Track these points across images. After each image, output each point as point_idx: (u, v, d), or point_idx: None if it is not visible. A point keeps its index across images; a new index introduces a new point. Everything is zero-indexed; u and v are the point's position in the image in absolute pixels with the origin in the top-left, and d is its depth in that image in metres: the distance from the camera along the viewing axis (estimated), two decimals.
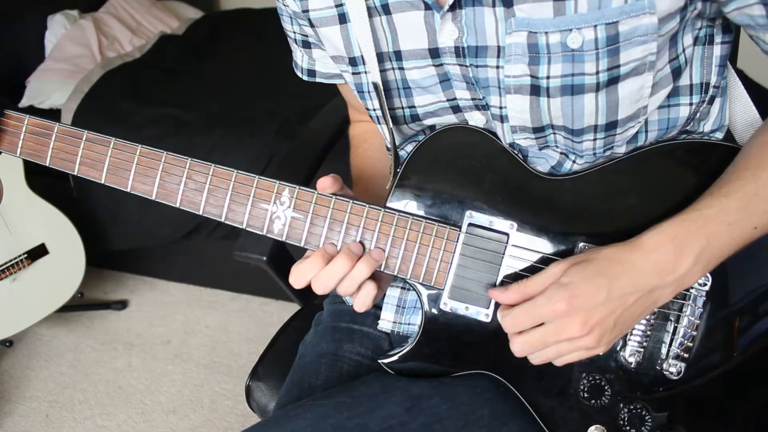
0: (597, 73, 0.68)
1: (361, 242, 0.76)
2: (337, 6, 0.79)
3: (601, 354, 0.71)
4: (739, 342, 0.77)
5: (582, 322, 0.67)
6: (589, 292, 0.68)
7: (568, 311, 0.67)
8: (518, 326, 0.71)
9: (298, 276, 0.75)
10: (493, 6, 0.69)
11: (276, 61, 2.32)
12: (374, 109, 0.83)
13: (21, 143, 0.79)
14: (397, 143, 0.88)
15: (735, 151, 0.74)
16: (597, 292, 0.68)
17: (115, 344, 2.12)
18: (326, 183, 0.76)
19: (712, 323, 0.76)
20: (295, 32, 0.88)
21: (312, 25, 0.82)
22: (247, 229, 0.77)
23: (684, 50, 0.72)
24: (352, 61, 0.82)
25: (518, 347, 0.72)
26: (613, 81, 0.69)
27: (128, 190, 0.78)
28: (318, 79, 0.94)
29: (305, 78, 0.95)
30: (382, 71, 0.80)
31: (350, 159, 1.01)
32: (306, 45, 0.89)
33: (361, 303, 0.76)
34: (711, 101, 0.78)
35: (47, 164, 0.79)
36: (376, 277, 0.77)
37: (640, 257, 0.69)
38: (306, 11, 0.81)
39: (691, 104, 0.77)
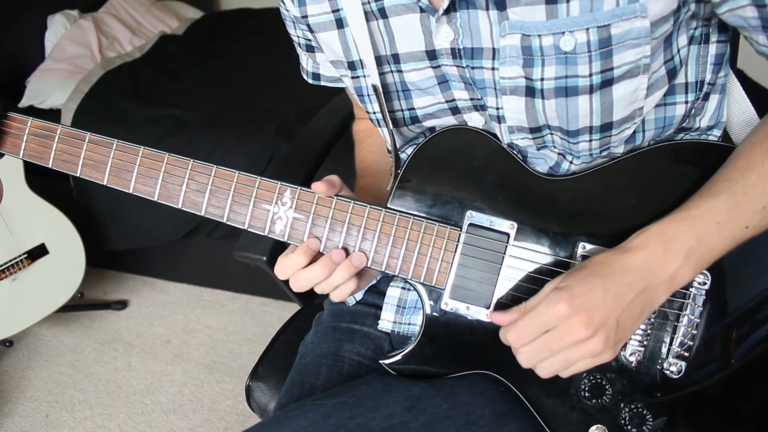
0: (590, 75, 0.69)
1: (344, 248, 0.77)
2: (334, 11, 0.79)
3: (608, 361, 0.70)
4: (739, 342, 0.77)
5: (585, 323, 0.67)
6: (586, 292, 0.68)
7: (570, 312, 0.67)
8: (523, 337, 0.70)
9: (282, 270, 0.77)
10: (487, 9, 0.70)
11: (276, 61, 2.34)
12: (374, 112, 0.84)
13: (24, 145, 0.80)
14: (397, 146, 0.89)
15: (731, 151, 0.74)
16: (594, 292, 0.68)
17: (115, 344, 2.12)
18: (321, 189, 0.76)
19: (713, 322, 0.76)
20: (298, 36, 0.89)
21: (311, 31, 0.83)
22: (249, 229, 0.77)
23: (679, 51, 0.73)
24: (351, 66, 0.82)
25: (524, 357, 0.70)
26: (607, 83, 0.69)
27: (130, 191, 0.78)
28: (323, 83, 0.95)
29: (311, 81, 0.96)
30: (381, 74, 0.80)
31: (355, 153, 1.02)
32: (310, 49, 0.90)
33: (336, 296, 0.78)
34: (706, 97, 0.79)
35: (50, 166, 0.79)
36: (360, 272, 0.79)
37: (629, 257, 0.69)
38: (305, 17, 0.82)
39: (686, 102, 0.77)
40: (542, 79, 0.70)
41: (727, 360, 0.77)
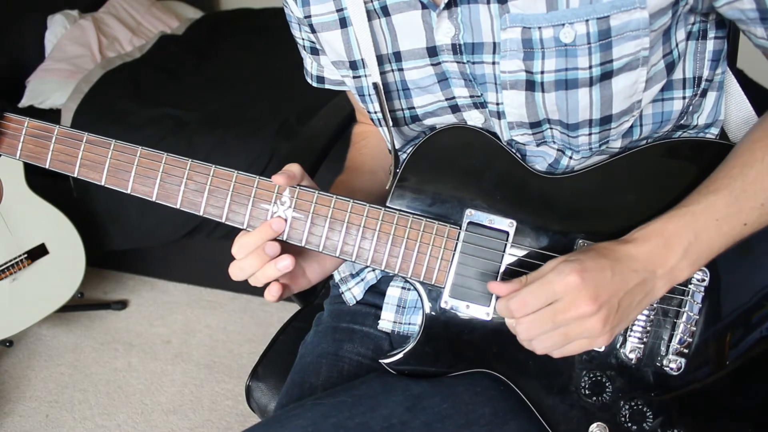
0: (590, 67, 0.69)
1: (284, 241, 0.76)
2: (338, 11, 0.79)
3: (602, 347, 0.70)
4: (738, 339, 0.77)
5: (593, 297, 0.66)
6: (596, 267, 0.67)
7: (580, 284, 0.66)
8: (528, 306, 0.68)
9: (238, 249, 0.77)
10: (488, 3, 0.70)
11: (276, 61, 2.34)
12: (375, 112, 0.84)
13: (21, 146, 0.79)
14: (398, 145, 0.89)
15: (730, 149, 0.74)
16: (603, 269, 0.67)
17: (115, 344, 2.12)
18: (281, 181, 0.75)
19: (712, 319, 0.77)
20: (303, 39, 0.89)
21: (313, 31, 0.83)
22: (248, 229, 0.77)
23: (677, 45, 0.73)
24: (353, 65, 0.82)
25: (524, 327, 0.69)
26: (607, 76, 0.70)
27: (128, 191, 0.78)
28: (327, 86, 0.95)
29: (315, 85, 0.96)
30: (382, 73, 0.80)
31: (348, 152, 1.02)
32: (314, 52, 0.90)
33: (268, 296, 0.79)
34: (703, 94, 0.79)
35: (47, 167, 0.79)
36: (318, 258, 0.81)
37: (633, 248, 0.70)
38: (308, 17, 0.82)
39: (684, 98, 0.78)
40: (542, 72, 0.70)
41: (726, 357, 0.77)
